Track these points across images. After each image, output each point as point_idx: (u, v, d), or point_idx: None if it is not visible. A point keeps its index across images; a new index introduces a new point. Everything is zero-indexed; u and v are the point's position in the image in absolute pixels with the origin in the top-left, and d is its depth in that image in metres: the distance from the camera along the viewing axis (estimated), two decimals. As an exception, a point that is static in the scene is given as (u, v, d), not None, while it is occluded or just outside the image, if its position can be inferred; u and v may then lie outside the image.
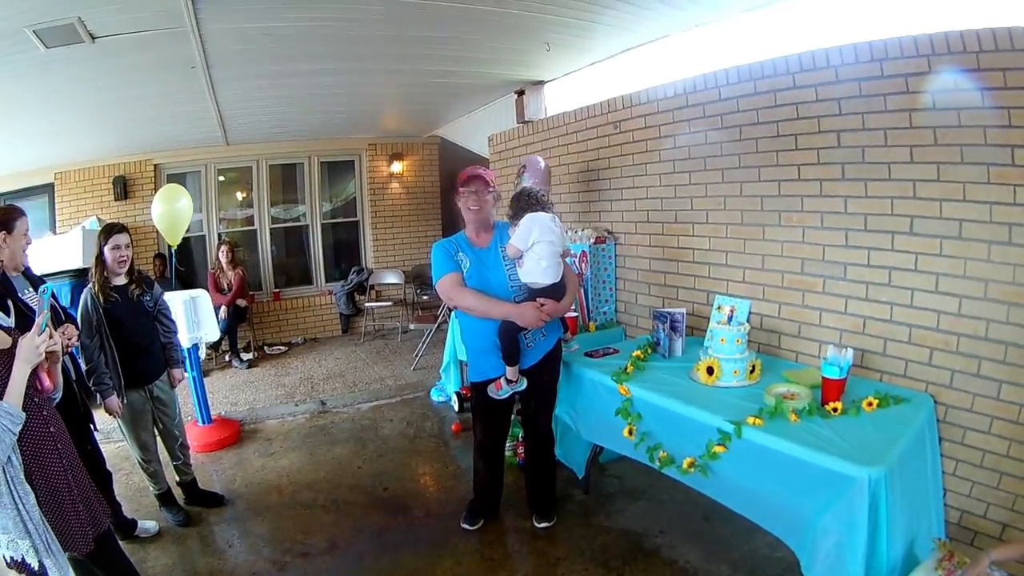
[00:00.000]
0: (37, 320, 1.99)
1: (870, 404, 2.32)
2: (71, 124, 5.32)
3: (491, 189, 2.86)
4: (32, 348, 1.92)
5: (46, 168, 6.74)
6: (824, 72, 2.62)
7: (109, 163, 6.89)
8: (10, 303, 2.40)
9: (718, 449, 2.32)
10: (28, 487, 1.92)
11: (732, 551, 2.80)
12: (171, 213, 3.39)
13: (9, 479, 1.87)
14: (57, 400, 2.23)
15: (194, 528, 3.43)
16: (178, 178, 7.27)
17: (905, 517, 2.07)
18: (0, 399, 1.84)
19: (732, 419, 2.31)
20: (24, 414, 1.88)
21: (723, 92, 3.15)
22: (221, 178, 7.65)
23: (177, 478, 3.59)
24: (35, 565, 1.91)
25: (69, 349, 2.57)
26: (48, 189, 6.98)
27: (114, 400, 3.05)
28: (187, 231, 7.38)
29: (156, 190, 6.67)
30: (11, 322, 2.29)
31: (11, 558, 1.91)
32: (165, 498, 3.48)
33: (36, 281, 2.77)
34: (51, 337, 2.01)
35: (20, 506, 1.89)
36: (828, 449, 2.05)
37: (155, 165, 7.11)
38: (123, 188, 6.99)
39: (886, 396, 2.36)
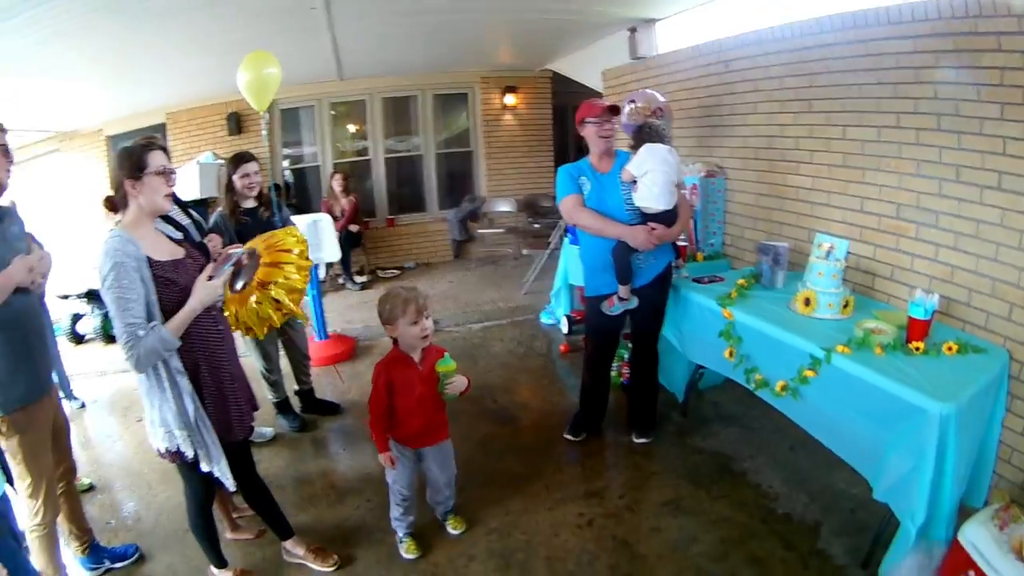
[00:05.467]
0: (224, 271, 2.12)
1: (950, 348, 2.40)
2: (186, 67, 5.41)
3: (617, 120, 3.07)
4: (213, 292, 2.04)
5: (158, 108, 7.00)
6: (922, 25, 2.65)
7: (222, 101, 7.05)
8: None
9: (809, 373, 2.50)
10: (188, 381, 2.00)
11: (812, 482, 2.94)
12: (259, 80, 3.69)
13: (172, 372, 1.97)
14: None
15: (308, 434, 3.66)
16: (292, 113, 7.65)
17: (967, 458, 2.20)
18: (165, 307, 1.95)
19: (824, 346, 2.48)
20: (179, 342, 1.96)
21: (827, 38, 3.21)
22: (334, 112, 7.90)
23: (296, 387, 3.80)
24: (190, 454, 2.04)
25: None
26: (160, 129, 7.20)
27: None
28: (301, 162, 7.95)
29: (270, 124, 6.80)
30: (179, 235, 2.46)
31: (166, 449, 2.05)
32: (283, 406, 3.71)
33: (179, 202, 2.98)
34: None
35: (182, 399, 2.00)
36: (906, 382, 2.17)
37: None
38: (237, 124, 7.28)
39: (966, 344, 2.43)
